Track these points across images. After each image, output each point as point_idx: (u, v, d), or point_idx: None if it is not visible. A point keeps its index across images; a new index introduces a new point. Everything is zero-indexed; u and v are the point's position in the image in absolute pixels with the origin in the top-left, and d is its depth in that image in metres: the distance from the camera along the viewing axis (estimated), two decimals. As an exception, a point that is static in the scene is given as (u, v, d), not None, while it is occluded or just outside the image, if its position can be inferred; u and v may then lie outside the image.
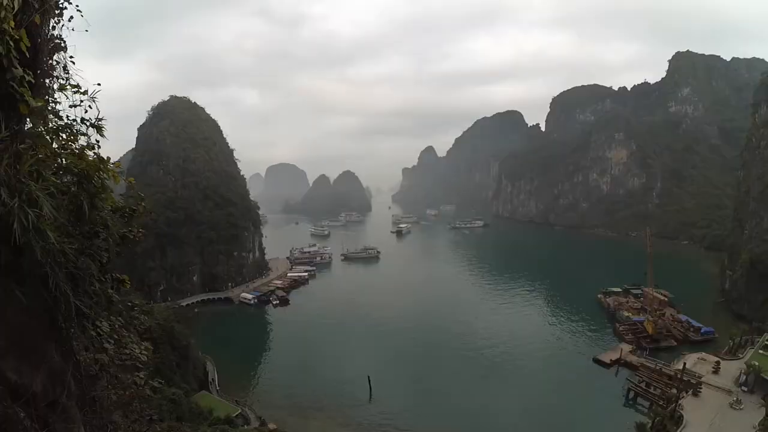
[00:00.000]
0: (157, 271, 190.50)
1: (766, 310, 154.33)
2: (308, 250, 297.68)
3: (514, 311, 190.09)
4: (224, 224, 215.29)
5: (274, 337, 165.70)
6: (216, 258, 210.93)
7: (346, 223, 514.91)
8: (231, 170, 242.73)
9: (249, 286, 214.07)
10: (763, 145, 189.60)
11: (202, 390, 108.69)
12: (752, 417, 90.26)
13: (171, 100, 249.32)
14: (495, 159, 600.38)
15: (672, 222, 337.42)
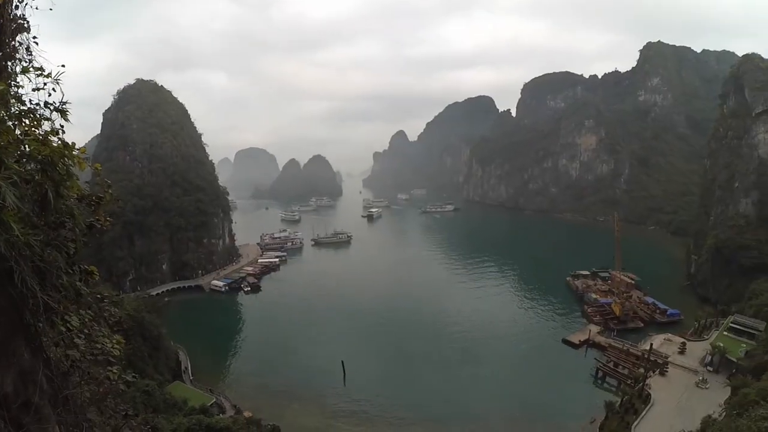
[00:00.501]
0: (126, 260, 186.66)
1: (730, 293, 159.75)
2: (279, 235, 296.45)
3: (486, 294, 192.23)
4: (193, 211, 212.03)
5: (246, 325, 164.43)
6: (185, 245, 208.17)
7: (317, 207, 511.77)
8: (199, 155, 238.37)
9: (220, 273, 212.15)
10: (730, 135, 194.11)
11: (175, 380, 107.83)
12: (718, 396, 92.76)
13: (137, 83, 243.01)
14: (466, 144, 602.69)
15: (639, 207, 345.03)
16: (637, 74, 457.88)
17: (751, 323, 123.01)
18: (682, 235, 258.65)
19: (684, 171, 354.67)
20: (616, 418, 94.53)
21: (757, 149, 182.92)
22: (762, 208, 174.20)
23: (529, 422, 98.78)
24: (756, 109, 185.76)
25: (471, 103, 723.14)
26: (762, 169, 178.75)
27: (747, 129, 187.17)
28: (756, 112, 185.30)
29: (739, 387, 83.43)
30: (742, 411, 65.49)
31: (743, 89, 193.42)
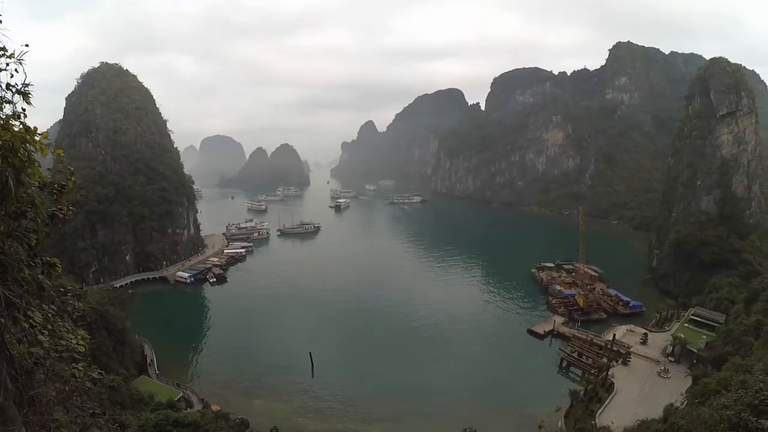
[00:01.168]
0: (88, 251, 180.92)
1: (690, 287, 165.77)
2: (245, 225, 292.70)
3: (452, 285, 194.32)
4: (157, 200, 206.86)
5: (212, 316, 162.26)
6: (149, 235, 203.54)
7: (284, 197, 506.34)
8: (164, 142, 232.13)
9: (184, 264, 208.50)
10: (694, 135, 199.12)
11: (141, 375, 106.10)
12: (679, 385, 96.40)
13: (101, 66, 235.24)
14: (435, 136, 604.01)
15: (603, 202, 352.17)
16: (605, 72, 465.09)
17: (711, 316, 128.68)
18: (644, 230, 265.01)
19: (648, 168, 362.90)
20: (581, 406, 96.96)
21: (720, 149, 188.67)
22: (723, 206, 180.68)
23: (496, 411, 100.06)
24: (720, 111, 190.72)
25: (441, 95, 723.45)
26: (724, 169, 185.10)
27: (711, 130, 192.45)
28: (720, 113, 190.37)
29: (700, 377, 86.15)
30: (703, 400, 67.48)
31: (709, 91, 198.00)
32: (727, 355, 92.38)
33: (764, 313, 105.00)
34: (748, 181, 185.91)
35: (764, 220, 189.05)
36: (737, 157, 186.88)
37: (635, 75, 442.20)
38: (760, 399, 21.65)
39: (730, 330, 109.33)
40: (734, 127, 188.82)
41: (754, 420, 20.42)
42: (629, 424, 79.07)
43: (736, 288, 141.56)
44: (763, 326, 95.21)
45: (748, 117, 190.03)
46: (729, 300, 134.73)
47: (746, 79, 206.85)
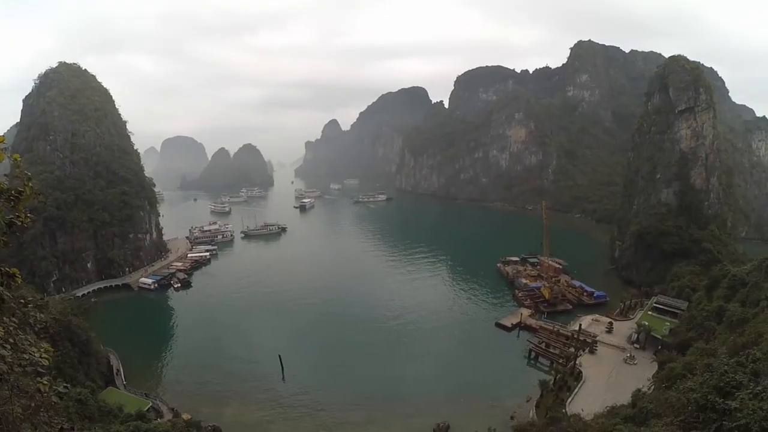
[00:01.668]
0: (48, 259, 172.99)
1: (652, 276, 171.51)
2: (208, 228, 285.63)
3: (420, 282, 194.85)
4: (118, 204, 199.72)
5: (178, 323, 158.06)
6: (111, 241, 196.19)
7: (248, 198, 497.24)
8: (124, 144, 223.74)
9: (148, 269, 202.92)
10: (653, 130, 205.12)
11: (108, 386, 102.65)
12: (645, 370, 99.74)
13: (60, 67, 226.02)
14: (399, 134, 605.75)
15: (566, 197, 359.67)
16: (567, 70, 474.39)
17: (674, 303, 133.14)
18: (606, 222, 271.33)
19: (608, 163, 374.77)
20: (551, 395, 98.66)
21: (679, 144, 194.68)
22: (682, 198, 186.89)
23: (468, 405, 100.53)
24: (679, 106, 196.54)
25: (404, 93, 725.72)
26: (683, 162, 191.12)
27: (670, 125, 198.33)
28: (679, 109, 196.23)
29: (665, 362, 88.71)
30: (670, 384, 69.19)
31: (668, 88, 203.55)
32: (691, 341, 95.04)
33: (726, 298, 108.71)
34: (707, 173, 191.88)
35: (722, 211, 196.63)
36: (695, 151, 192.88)
37: (596, 73, 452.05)
38: (725, 381, 22.32)
39: (692, 316, 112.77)
40: (692, 122, 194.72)
41: (720, 401, 20.96)
42: (599, 411, 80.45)
43: (697, 276, 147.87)
44: (725, 311, 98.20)
45: (706, 112, 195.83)
46: (690, 287, 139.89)
47: (704, 76, 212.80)
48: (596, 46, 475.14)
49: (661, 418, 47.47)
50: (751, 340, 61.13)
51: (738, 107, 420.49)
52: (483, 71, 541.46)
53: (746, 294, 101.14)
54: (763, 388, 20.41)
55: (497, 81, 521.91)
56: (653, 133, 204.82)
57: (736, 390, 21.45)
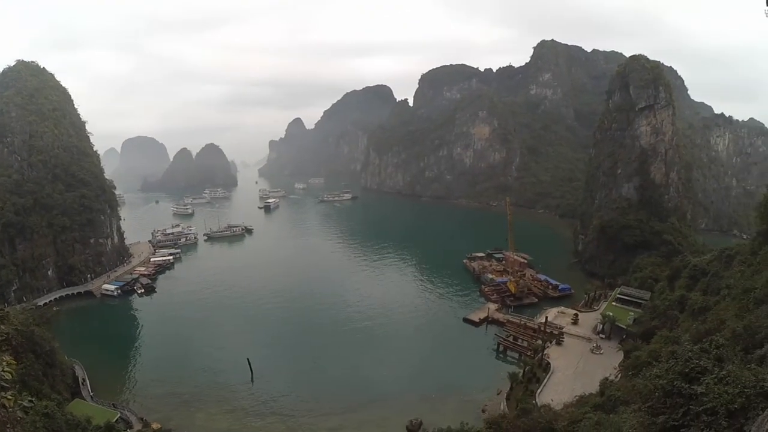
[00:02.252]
0: (8, 268, 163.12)
1: (615, 268, 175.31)
2: (171, 231, 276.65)
3: (387, 280, 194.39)
4: (77, 208, 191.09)
5: (143, 329, 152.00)
6: (71, 247, 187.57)
7: (211, 199, 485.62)
8: (83, 145, 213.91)
9: (110, 275, 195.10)
10: (614, 127, 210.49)
11: (75, 398, 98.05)
12: (612, 359, 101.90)
13: (17, 65, 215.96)
14: (364, 132, 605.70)
15: (529, 193, 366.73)
16: (529, 69, 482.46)
17: (637, 293, 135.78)
18: (569, 217, 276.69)
19: (570, 159, 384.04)
20: (521, 387, 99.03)
21: (639, 140, 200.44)
22: (643, 192, 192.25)
23: (439, 400, 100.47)
24: (639, 104, 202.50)
25: (369, 91, 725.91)
26: (643, 158, 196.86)
27: (630, 122, 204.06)
28: (639, 107, 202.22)
29: (630, 351, 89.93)
30: (636, 372, 70.10)
31: (628, 86, 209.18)
32: (655, 329, 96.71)
33: (687, 288, 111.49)
34: (666, 168, 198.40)
35: (682, 204, 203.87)
36: (655, 147, 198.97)
37: (558, 71, 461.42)
38: (690, 367, 22.45)
39: (655, 306, 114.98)
40: (652, 119, 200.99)
41: (686, 386, 21.10)
42: (568, 400, 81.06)
43: (659, 266, 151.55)
44: (687, 300, 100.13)
45: (665, 109, 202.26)
46: (653, 278, 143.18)
47: (664, 75, 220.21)
48: (559, 45, 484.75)
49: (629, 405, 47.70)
50: (713, 327, 62.18)
51: (697, 104, 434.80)
52: (447, 70, 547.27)
53: (707, 283, 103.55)
54: (727, 372, 20.72)
55: (461, 79, 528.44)
56: (614, 130, 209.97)
57: (701, 375, 21.62)
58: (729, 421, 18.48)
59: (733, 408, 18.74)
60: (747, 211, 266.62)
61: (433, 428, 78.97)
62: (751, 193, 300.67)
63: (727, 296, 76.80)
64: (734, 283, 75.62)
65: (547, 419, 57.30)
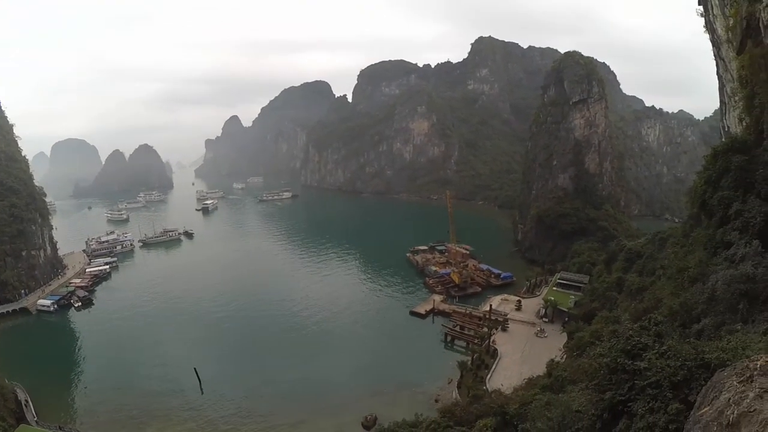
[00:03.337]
0: None
1: (554, 254, 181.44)
2: (106, 239, 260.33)
3: (333, 279, 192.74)
4: (7, 218, 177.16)
5: (84, 345, 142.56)
6: (3, 261, 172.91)
7: (147, 203, 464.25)
8: (10, 151, 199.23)
9: (45, 290, 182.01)
10: (549, 121, 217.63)
11: (20, 423, 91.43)
12: (556, 342, 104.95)
13: None
14: (302, 129, 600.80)
15: (469, 185, 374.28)
16: (467, 65, 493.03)
17: (576, 277, 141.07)
18: (508, 208, 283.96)
19: (508, 152, 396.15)
20: (471, 374, 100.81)
21: (573, 132, 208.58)
22: (578, 182, 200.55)
23: (393, 394, 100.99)
24: (573, 98, 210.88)
25: (307, 87, 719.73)
26: (577, 149, 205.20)
27: (565, 115, 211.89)
28: (573, 101, 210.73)
29: (573, 332, 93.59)
30: (580, 352, 73.12)
31: (563, 81, 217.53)
32: (595, 311, 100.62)
33: (624, 270, 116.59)
34: (600, 158, 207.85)
35: (615, 192, 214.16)
36: (589, 139, 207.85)
37: (495, 67, 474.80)
38: (632, 344, 23.04)
39: (594, 288, 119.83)
40: (586, 112, 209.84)
41: (629, 363, 21.71)
42: (518, 383, 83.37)
43: (596, 251, 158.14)
44: (624, 282, 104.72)
45: (598, 103, 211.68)
46: (590, 262, 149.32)
47: (597, 70, 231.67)
48: (496, 42, 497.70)
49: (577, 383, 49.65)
50: (651, 305, 64.52)
51: (628, 98, 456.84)
52: (386, 65, 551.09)
53: (642, 265, 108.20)
54: (668, 347, 21.24)
55: (400, 75, 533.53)
56: (549, 123, 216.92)
57: (643, 351, 22.11)
58: (674, 392, 18.96)
59: (676, 380, 19.25)
60: (678, 196, 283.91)
61: (388, 422, 79.39)
62: (681, 179, 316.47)
63: (662, 276, 79.84)
64: (668, 264, 78.78)
65: (498, 403, 58.65)
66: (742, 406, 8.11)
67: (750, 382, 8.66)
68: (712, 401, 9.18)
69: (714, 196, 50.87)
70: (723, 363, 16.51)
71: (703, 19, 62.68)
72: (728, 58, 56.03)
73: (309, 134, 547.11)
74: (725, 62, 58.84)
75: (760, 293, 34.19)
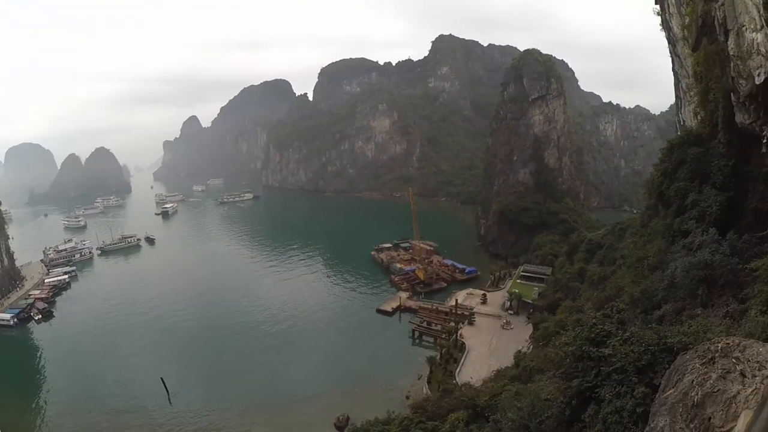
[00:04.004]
0: None
1: (517, 248, 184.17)
2: (64, 247, 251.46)
3: (298, 280, 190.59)
4: None
5: (47, 360, 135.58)
6: None
7: (105, 209, 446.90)
8: None
9: (3, 303, 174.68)
10: (509, 117, 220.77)
11: None
12: (522, 333, 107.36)
13: None
14: (263, 129, 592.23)
15: (431, 182, 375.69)
16: (428, 63, 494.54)
17: (539, 269, 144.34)
18: (470, 203, 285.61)
19: (469, 148, 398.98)
20: (440, 369, 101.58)
21: (533, 128, 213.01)
22: (538, 176, 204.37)
23: (364, 392, 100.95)
24: (532, 95, 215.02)
25: (267, 86, 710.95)
26: (537, 145, 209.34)
27: (524, 111, 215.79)
28: (532, 97, 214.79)
29: (539, 323, 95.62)
30: (546, 342, 74.64)
31: (522, 78, 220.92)
32: (559, 301, 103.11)
33: (585, 261, 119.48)
34: (559, 153, 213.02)
35: (575, 185, 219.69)
36: (548, 134, 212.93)
37: (456, 65, 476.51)
38: (596, 332, 23.54)
39: (557, 279, 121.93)
40: (545, 109, 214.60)
41: (594, 350, 22.25)
42: (487, 376, 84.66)
43: (557, 243, 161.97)
44: (586, 272, 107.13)
45: (557, 99, 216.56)
46: (552, 254, 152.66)
47: (555, 67, 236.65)
48: (456, 39, 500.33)
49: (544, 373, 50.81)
50: (613, 293, 66.19)
51: (586, 94, 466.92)
52: (347, 63, 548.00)
53: (603, 255, 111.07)
54: (631, 333, 21.82)
55: (361, 73, 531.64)
56: (509, 119, 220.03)
57: (607, 338, 22.59)
58: (639, 377, 19.54)
59: (640, 365, 19.87)
60: (635, 188, 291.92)
61: (360, 422, 79.67)
62: (638, 172, 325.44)
63: (623, 265, 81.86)
64: (628, 253, 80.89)
65: (469, 396, 59.49)
66: (705, 387, 8.48)
67: (712, 364, 9.05)
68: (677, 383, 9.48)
69: (671, 187, 52.50)
70: (685, 346, 17.03)
71: (660, 17, 64.50)
72: (684, 55, 57.91)
73: (269, 134, 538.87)
74: (681, 59, 60.73)
75: (718, 278, 35.61)
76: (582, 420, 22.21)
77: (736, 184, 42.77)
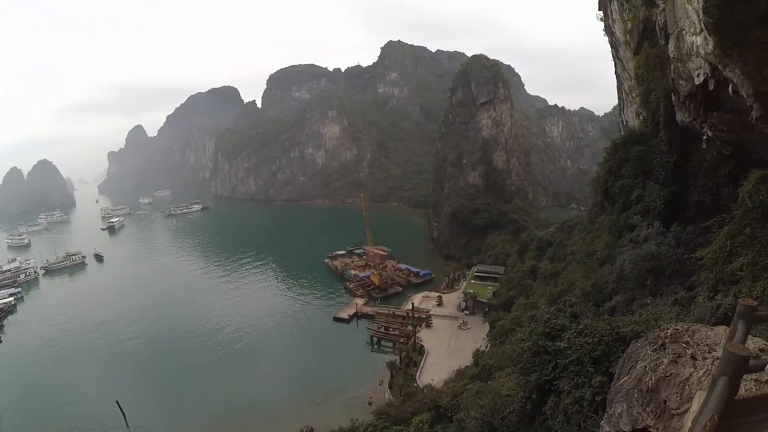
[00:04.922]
0: None
1: (469, 249, 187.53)
2: (8, 267, 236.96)
3: (253, 292, 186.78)
4: None
5: None
6: None
7: (48, 225, 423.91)
8: None
9: None
10: (458, 121, 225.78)
11: None
12: (479, 332, 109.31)
13: None
14: (211, 137, 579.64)
15: (382, 187, 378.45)
16: (377, 69, 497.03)
17: (493, 269, 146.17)
18: (422, 207, 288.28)
19: (419, 153, 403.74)
20: (400, 373, 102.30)
21: (481, 132, 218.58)
22: (488, 178, 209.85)
23: (326, 402, 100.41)
24: (480, 99, 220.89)
25: (215, 93, 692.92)
26: (485, 148, 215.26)
27: (472, 116, 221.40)
28: (480, 102, 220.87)
29: (495, 321, 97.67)
30: (503, 339, 76.23)
31: (470, 83, 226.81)
32: (513, 299, 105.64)
33: (536, 258, 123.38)
34: (507, 155, 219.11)
35: (523, 186, 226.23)
36: (496, 137, 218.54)
37: (405, 71, 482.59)
38: (551, 326, 24.48)
39: (510, 278, 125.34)
40: (492, 112, 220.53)
41: (550, 344, 23.14)
42: (447, 376, 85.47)
43: (509, 243, 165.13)
44: (538, 269, 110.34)
45: (504, 103, 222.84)
46: (504, 254, 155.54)
47: (503, 72, 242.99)
48: (405, 45, 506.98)
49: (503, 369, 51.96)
50: (564, 289, 68.00)
51: (533, 98, 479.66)
52: (296, 69, 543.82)
53: (553, 252, 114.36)
54: (584, 326, 22.65)
55: (310, 79, 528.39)
56: (458, 123, 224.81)
57: (562, 332, 23.48)
58: (595, 367, 20.40)
59: (595, 355, 20.71)
60: (582, 186, 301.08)
61: (325, 431, 79.60)
62: (584, 171, 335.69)
63: (573, 261, 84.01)
64: (578, 249, 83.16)
65: (431, 398, 59.87)
66: (658, 371, 8.68)
67: (663, 350, 9.36)
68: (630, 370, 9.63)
69: (616, 184, 54.33)
70: (637, 335, 17.67)
71: (603, 23, 66.65)
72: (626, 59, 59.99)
73: (218, 142, 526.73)
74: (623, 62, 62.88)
75: (665, 269, 37.33)
76: (543, 413, 22.95)
77: (678, 179, 44.59)
